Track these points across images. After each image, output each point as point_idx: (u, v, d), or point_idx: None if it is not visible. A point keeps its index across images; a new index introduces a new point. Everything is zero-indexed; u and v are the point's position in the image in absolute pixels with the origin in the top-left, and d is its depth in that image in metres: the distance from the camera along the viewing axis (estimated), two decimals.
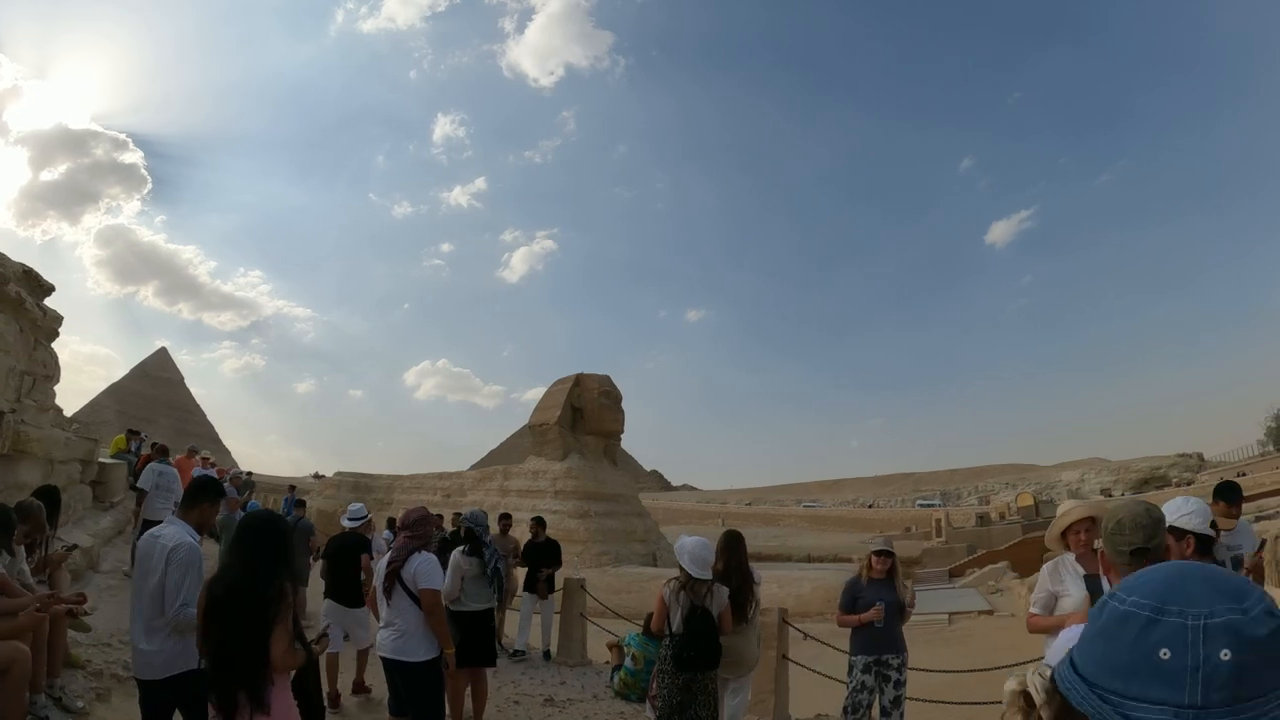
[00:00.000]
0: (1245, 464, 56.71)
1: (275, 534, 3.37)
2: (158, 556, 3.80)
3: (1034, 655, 12.30)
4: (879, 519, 60.55)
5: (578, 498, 23.33)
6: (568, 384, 25.74)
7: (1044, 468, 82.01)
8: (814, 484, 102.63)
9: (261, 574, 3.19)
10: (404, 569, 4.97)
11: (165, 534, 3.90)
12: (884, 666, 6.04)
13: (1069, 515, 4.37)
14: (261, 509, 3.90)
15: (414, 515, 5.18)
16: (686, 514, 65.92)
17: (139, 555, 4.06)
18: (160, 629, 3.74)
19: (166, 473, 11.23)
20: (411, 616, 4.95)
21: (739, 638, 5.71)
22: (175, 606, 3.70)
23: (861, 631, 6.09)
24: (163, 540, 3.86)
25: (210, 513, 4.20)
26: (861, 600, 6.09)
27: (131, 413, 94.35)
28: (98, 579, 9.56)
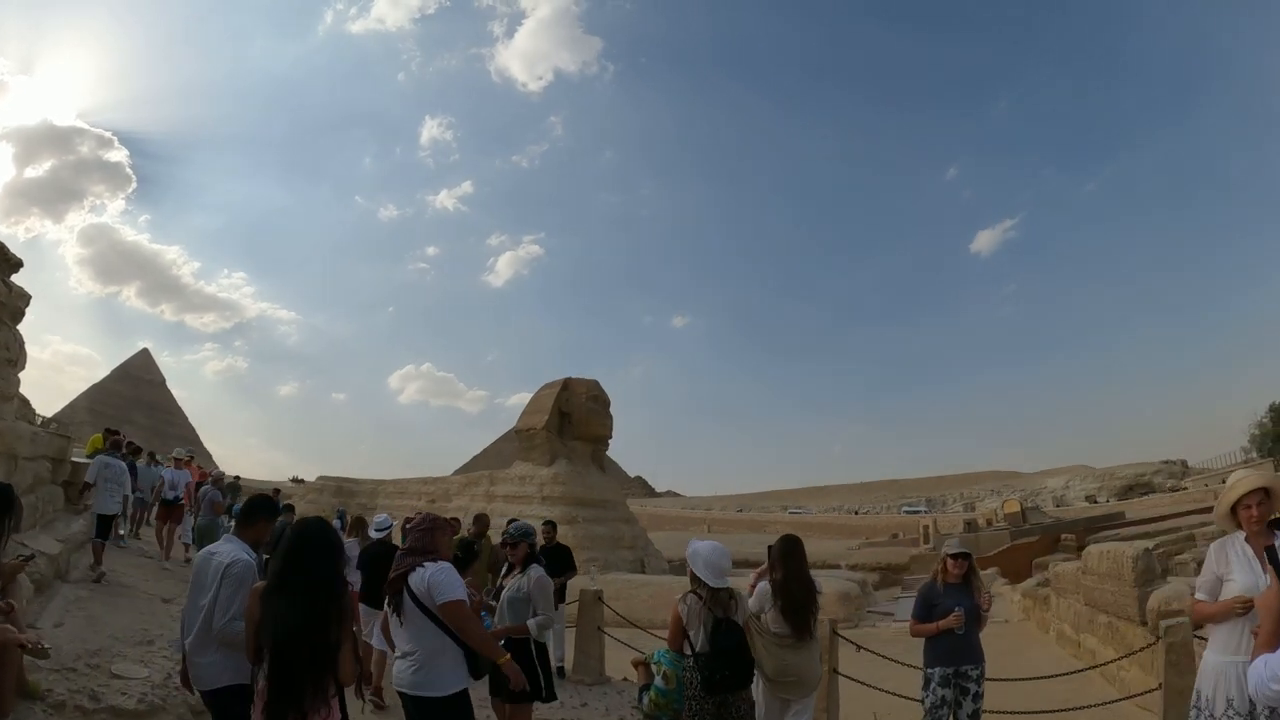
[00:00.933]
0: (1230, 470, 57.10)
1: (329, 543, 3.33)
2: (212, 573, 3.84)
3: (1029, 659, 11.91)
4: (865, 525, 60.49)
5: (565, 503, 22.99)
6: (556, 388, 25.42)
7: (1028, 475, 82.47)
8: (799, 490, 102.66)
9: (322, 585, 3.13)
10: (413, 579, 4.09)
11: (221, 551, 3.95)
12: (962, 678, 5.66)
13: (1238, 486, 3.76)
14: (313, 516, 3.76)
15: (419, 524, 4.32)
16: (671, 520, 65.61)
17: (194, 571, 4.08)
18: (212, 640, 3.78)
19: (113, 465, 10.82)
20: (431, 640, 4.06)
21: (802, 655, 5.21)
22: (224, 620, 3.69)
23: (938, 641, 5.70)
24: (218, 557, 3.90)
25: (266, 530, 4.26)
26: (939, 607, 5.70)
27: (112, 414, 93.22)
28: (66, 590, 8.75)
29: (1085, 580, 11.71)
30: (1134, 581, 10.12)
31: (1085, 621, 11.63)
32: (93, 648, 6.44)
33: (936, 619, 5.64)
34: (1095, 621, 11.20)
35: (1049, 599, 14.87)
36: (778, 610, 5.15)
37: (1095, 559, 11.40)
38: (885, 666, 8.48)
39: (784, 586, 5.18)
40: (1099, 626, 11.06)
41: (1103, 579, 10.99)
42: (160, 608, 9.18)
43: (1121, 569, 10.36)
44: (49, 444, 11.35)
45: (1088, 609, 11.61)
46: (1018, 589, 20.43)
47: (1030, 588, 18.14)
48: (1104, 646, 10.78)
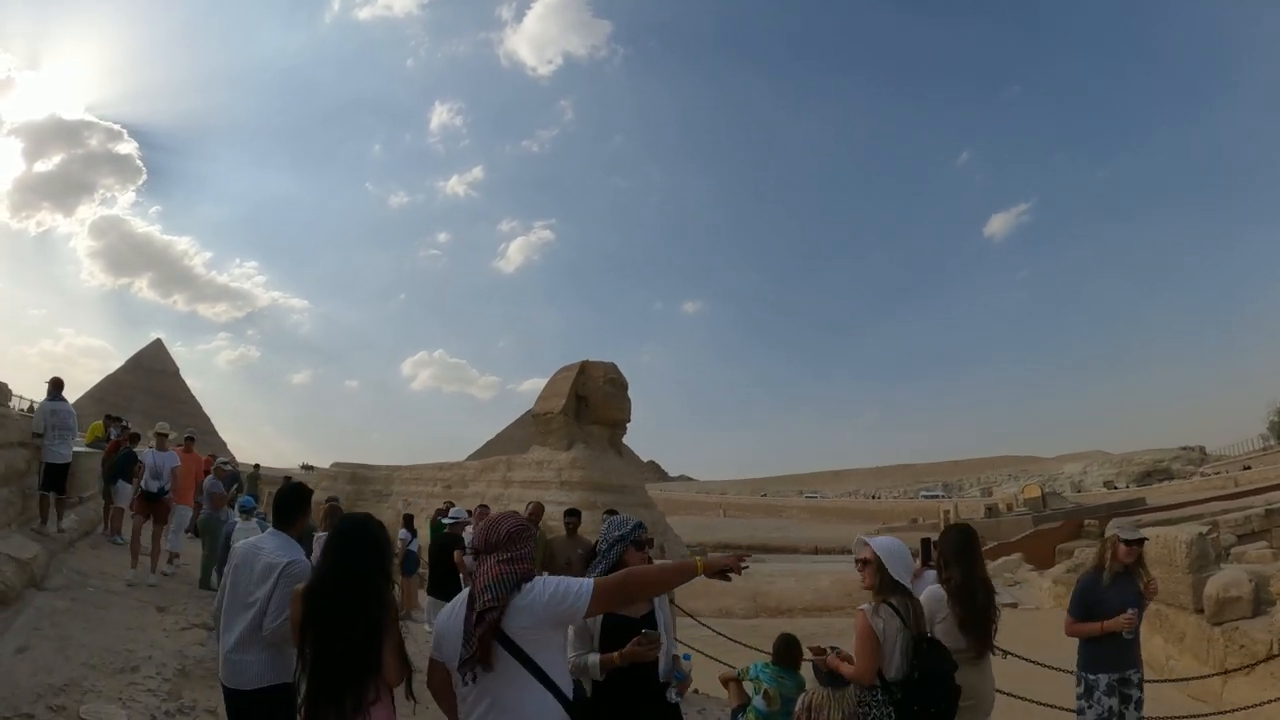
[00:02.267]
0: (1249, 457, 56.49)
1: (371, 539, 3.02)
2: (263, 570, 3.71)
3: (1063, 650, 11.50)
4: (882, 510, 60.00)
5: (584, 488, 22.64)
6: (573, 372, 25.03)
7: (1045, 460, 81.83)
8: (814, 475, 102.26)
9: (361, 582, 2.86)
10: (509, 622, 2.54)
11: (270, 547, 3.80)
12: (1126, 685, 4.80)
13: None
14: (358, 513, 3.37)
15: (506, 526, 2.76)
16: (686, 505, 65.36)
17: (237, 562, 3.85)
18: (257, 640, 3.67)
19: (60, 410, 9.84)
20: (535, 707, 2.54)
21: (981, 673, 4.24)
22: (277, 621, 3.59)
23: (1102, 643, 4.84)
24: (268, 554, 3.74)
25: (306, 523, 4.19)
26: (1104, 603, 4.82)
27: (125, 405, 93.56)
28: (42, 601, 7.38)
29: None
30: (1187, 568, 9.74)
31: None
32: (60, 681, 5.31)
33: (1101, 617, 4.81)
34: None
35: None
36: (954, 620, 4.15)
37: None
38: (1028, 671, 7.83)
39: (963, 591, 4.19)
40: (1147, 614, 10.65)
41: (1150, 565, 10.55)
42: (153, 619, 8.01)
43: (1173, 555, 9.97)
44: (22, 429, 9.84)
45: None
46: (1046, 575, 20.07)
47: (1061, 574, 17.75)
48: (1150, 634, 10.41)
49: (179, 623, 7.98)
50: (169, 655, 6.69)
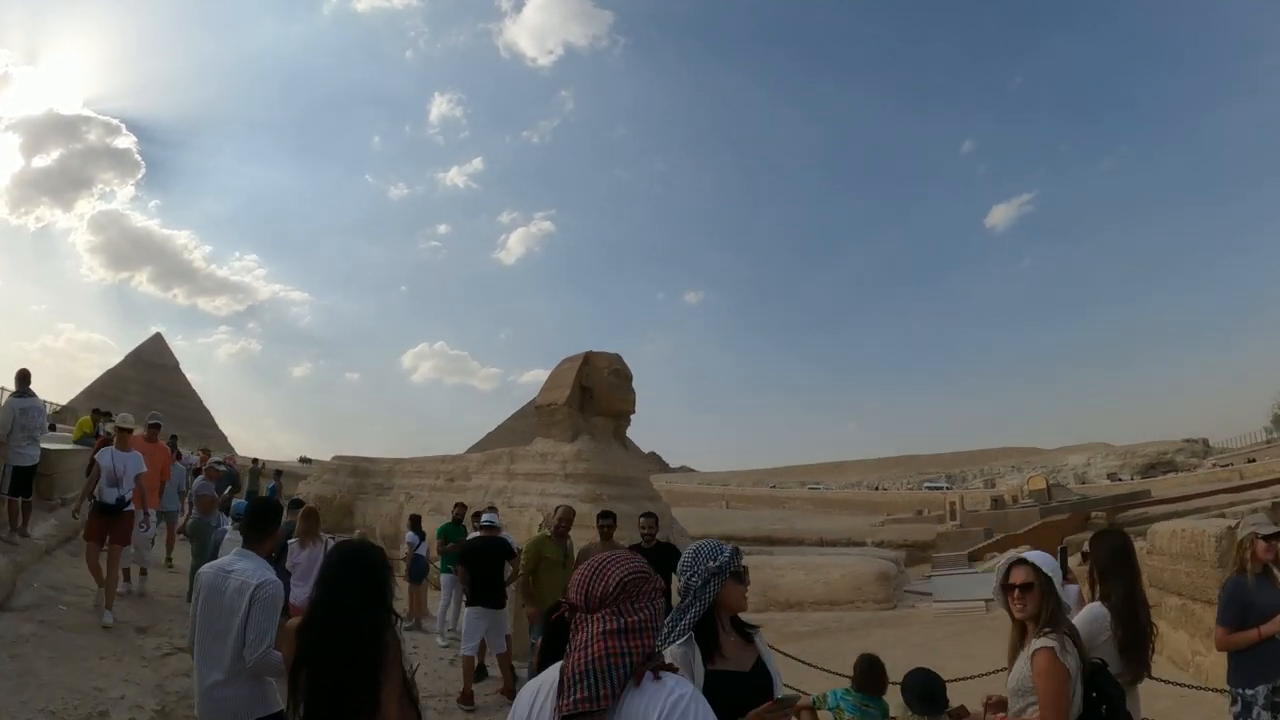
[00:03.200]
0: (1253, 450, 56.44)
1: (369, 569, 2.71)
2: (234, 594, 3.51)
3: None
4: (886, 501, 59.82)
5: (589, 481, 22.36)
6: (576, 362, 24.72)
7: (1048, 451, 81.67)
8: (816, 466, 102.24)
9: (358, 619, 2.57)
10: None
11: (240, 569, 3.60)
12: (1277, 693, 4.25)
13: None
14: (355, 540, 3.06)
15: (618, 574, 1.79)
16: (689, 496, 65.07)
17: (205, 591, 3.60)
18: (239, 673, 3.45)
19: (30, 408, 8.82)
20: None
21: (1134, 702, 3.55)
22: (260, 649, 3.42)
23: (1257, 651, 4.27)
24: (238, 575, 3.56)
25: (276, 539, 4.10)
26: (1254, 608, 4.28)
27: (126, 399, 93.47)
28: (4, 624, 6.51)
29: (1151, 561, 11.08)
30: (1216, 562, 9.46)
31: (1151, 604, 10.95)
32: None
33: (1252, 623, 4.27)
34: (1163, 604, 10.62)
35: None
36: (1114, 643, 3.51)
37: (1165, 538, 10.77)
38: None
39: (1127, 609, 3.57)
40: (1169, 610, 10.49)
41: (1175, 559, 10.40)
42: (131, 643, 7.17)
43: (1201, 549, 9.70)
44: None
45: (1154, 591, 10.96)
46: None
47: (1076, 567, 17.45)
48: (1173, 630, 10.20)
49: (161, 647, 7.38)
50: (146, 692, 6.04)
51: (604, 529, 7.97)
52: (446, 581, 11.54)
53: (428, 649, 10.41)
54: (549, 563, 7.73)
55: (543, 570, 7.71)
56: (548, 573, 7.69)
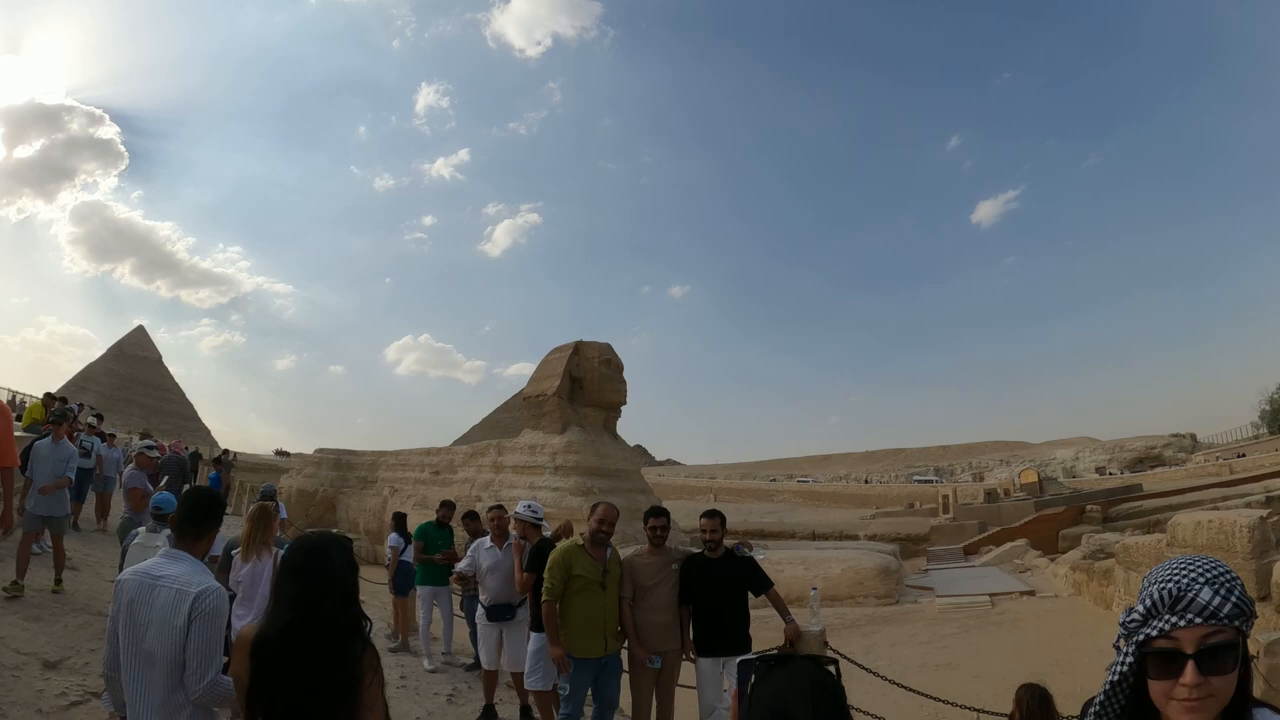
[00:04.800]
0: (1241, 445, 56.68)
1: (337, 571, 2.30)
2: (167, 608, 2.67)
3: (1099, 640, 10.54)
4: (875, 495, 59.51)
5: (579, 473, 21.78)
6: (566, 352, 24.14)
7: (1035, 445, 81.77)
8: (803, 459, 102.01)
9: (329, 634, 2.17)
10: None
11: (172, 574, 2.75)
12: None
13: None
14: (315, 532, 2.56)
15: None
16: (676, 489, 64.59)
17: (128, 605, 2.73)
18: (183, 705, 2.67)
19: None
20: None
21: None
22: (209, 677, 2.66)
23: None
24: (171, 583, 2.72)
25: (212, 539, 3.14)
26: None
27: (108, 393, 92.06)
28: None
29: (1170, 553, 10.61)
30: (1249, 553, 9.03)
31: None
32: None
33: None
34: None
35: (1111, 573, 13.80)
36: None
37: (1189, 530, 10.33)
38: None
39: None
40: None
41: (1199, 551, 9.89)
42: (30, 685, 5.61)
43: (1231, 540, 9.26)
44: None
45: None
46: (1060, 561, 19.41)
47: (1080, 560, 17.05)
48: None
49: (70, 692, 5.61)
50: None
51: (655, 533, 5.97)
52: (426, 595, 9.82)
53: (416, 675, 8.91)
54: (582, 583, 5.60)
55: (574, 593, 5.59)
56: (580, 597, 5.59)
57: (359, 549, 21.41)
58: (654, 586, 5.71)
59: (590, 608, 5.56)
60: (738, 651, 5.51)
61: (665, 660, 5.73)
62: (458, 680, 8.75)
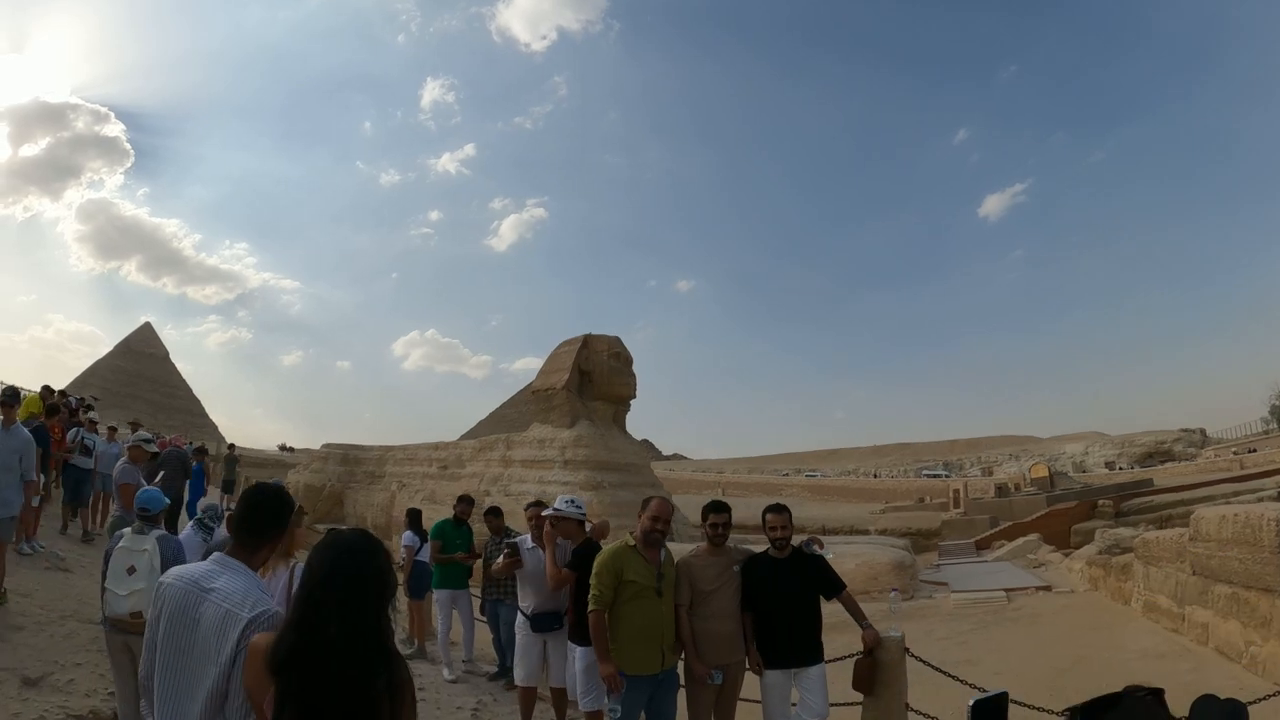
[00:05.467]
0: (1252, 440, 56.36)
1: (373, 576, 2.00)
2: (213, 629, 2.23)
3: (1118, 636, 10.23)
4: (884, 489, 59.33)
5: (589, 468, 21.67)
6: (575, 345, 24.02)
7: (1044, 440, 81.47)
8: (810, 454, 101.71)
9: (366, 649, 1.92)
10: None
11: (223, 588, 2.31)
12: None
13: None
14: (345, 532, 2.18)
15: None
16: (684, 484, 64.50)
17: (170, 613, 2.32)
18: None
19: None
20: None
21: None
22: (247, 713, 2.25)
23: None
24: (219, 598, 2.27)
25: (276, 547, 2.67)
26: None
27: (115, 389, 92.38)
28: None
29: (1195, 548, 10.45)
30: (1276, 547, 8.74)
31: (1195, 593, 10.48)
32: None
33: None
34: (1210, 593, 10.04)
35: (1129, 567, 13.59)
36: None
37: (1213, 524, 10.11)
38: None
39: None
40: (1217, 598, 9.90)
41: (1225, 545, 9.76)
42: (5, 705, 5.09)
43: (1259, 534, 9.03)
44: None
45: (1198, 579, 10.43)
46: (1075, 556, 19.21)
47: (1095, 555, 16.84)
48: (1222, 620, 9.65)
49: (51, 714, 5.07)
50: None
51: (716, 531, 5.28)
52: (444, 599, 9.21)
53: (436, 686, 8.21)
54: (635, 589, 4.90)
55: (626, 601, 4.90)
56: (634, 605, 4.90)
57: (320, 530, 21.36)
58: (714, 592, 5.08)
59: (645, 618, 4.88)
60: (809, 661, 5.07)
61: (727, 674, 5.08)
62: (481, 691, 8.08)
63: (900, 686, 5.11)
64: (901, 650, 5.01)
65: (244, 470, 31.39)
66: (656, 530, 5.02)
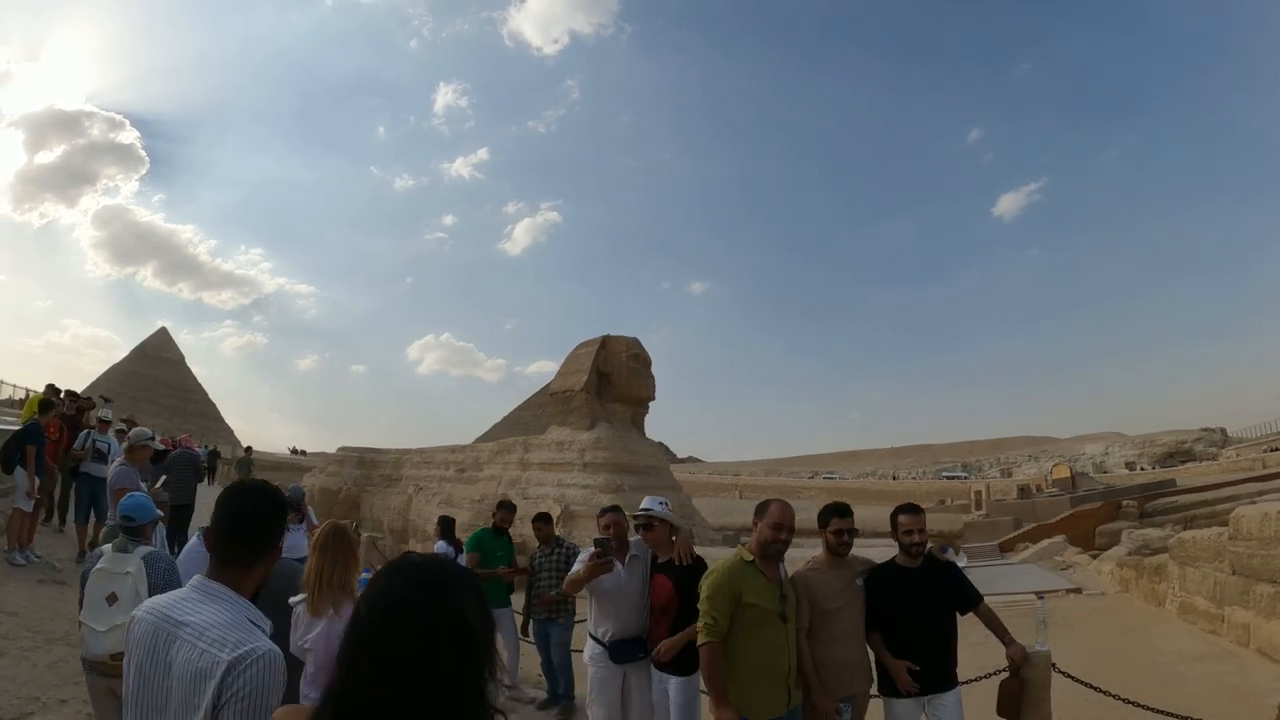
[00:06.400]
0: (1273, 439, 55.53)
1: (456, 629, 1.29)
2: (186, 674, 1.72)
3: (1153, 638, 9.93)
4: (903, 491, 58.78)
5: (609, 470, 21.50)
6: (593, 347, 23.87)
7: (1063, 440, 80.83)
8: (829, 455, 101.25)
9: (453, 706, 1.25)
10: None
11: (199, 621, 1.77)
12: None
13: None
14: (419, 557, 1.41)
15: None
16: (701, 486, 64.15)
17: (138, 660, 1.80)
18: None
19: None
20: None
21: None
22: None
23: None
24: (193, 634, 1.75)
25: (271, 564, 2.04)
26: None
27: (131, 394, 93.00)
28: None
29: (1235, 547, 10.22)
30: None
31: (1235, 593, 10.26)
32: None
33: None
34: (1252, 593, 9.83)
35: (1164, 568, 13.31)
36: None
37: (1254, 522, 9.89)
38: None
39: None
40: (1259, 597, 9.72)
41: (1266, 544, 9.59)
42: None
43: None
44: None
45: (1238, 578, 10.22)
46: (1105, 558, 18.88)
47: (1126, 556, 16.55)
48: (1265, 620, 9.44)
49: None
50: None
51: (840, 539, 4.48)
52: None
53: None
54: (757, 614, 4.04)
55: (745, 626, 4.01)
56: (754, 634, 4.03)
57: (384, 549, 20.03)
58: (838, 611, 4.33)
59: (769, 649, 4.02)
60: (944, 686, 4.40)
61: (854, 707, 4.37)
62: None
63: (1048, 708, 4.51)
64: (1049, 667, 4.50)
65: (259, 474, 31.47)
66: (779, 541, 4.14)
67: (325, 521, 4.10)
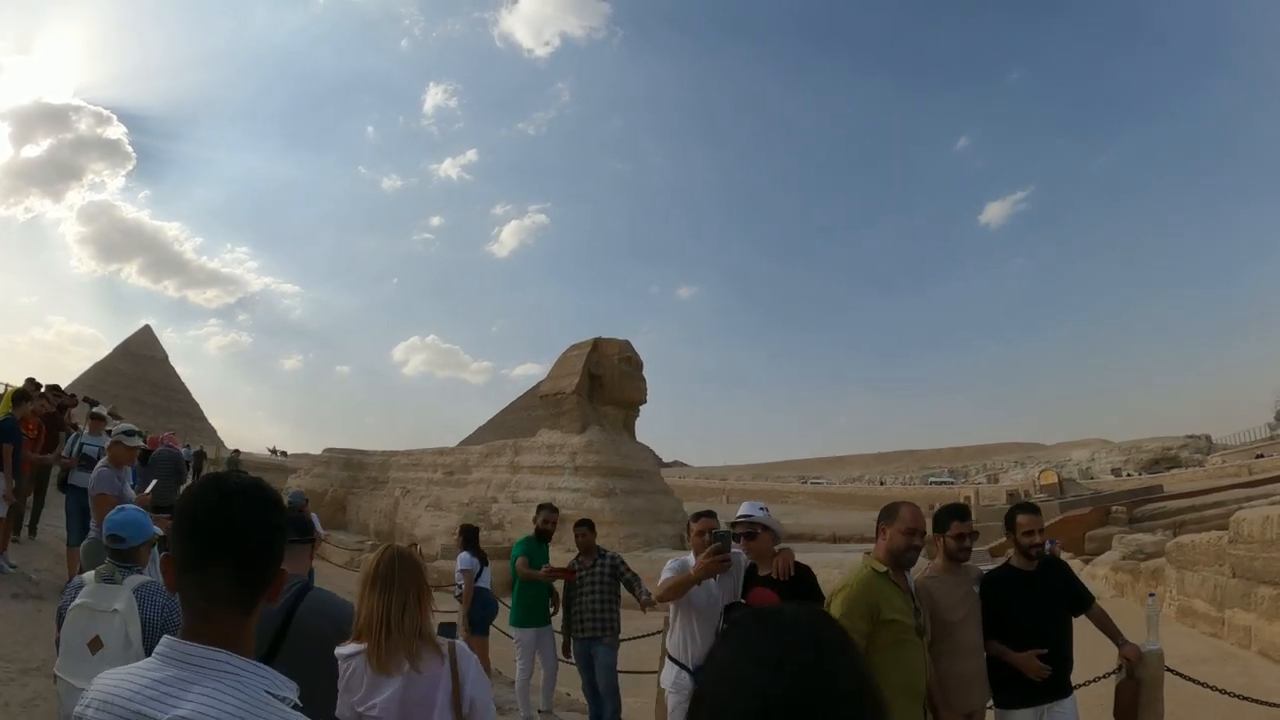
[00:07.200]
0: (1259, 446, 56.09)
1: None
2: None
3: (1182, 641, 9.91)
4: (890, 496, 58.65)
5: (600, 474, 21.33)
6: (585, 349, 23.72)
7: (1049, 447, 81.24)
8: (815, 460, 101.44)
9: None
10: None
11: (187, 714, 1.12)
12: None
13: None
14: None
15: None
16: (688, 490, 63.94)
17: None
18: None
19: None
20: None
21: None
22: None
23: None
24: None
25: (280, 591, 1.37)
26: None
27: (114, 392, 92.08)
28: None
29: (1236, 550, 10.24)
30: None
31: (1236, 595, 10.31)
32: None
33: None
34: (1253, 595, 9.85)
35: (1161, 572, 13.33)
36: None
37: (1256, 525, 9.91)
38: None
39: None
40: (1260, 600, 9.78)
41: (1267, 547, 9.63)
42: None
43: None
44: None
45: (1239, 581, 10.27)
46: (1098, 562, 18.92)
47: (1120, 561, 16.59)
48: (1268, 622, 9.45)
49: None
50: None
51: (960, 544, 4.21)
52: (528, 640, 7.75)
53: None
54: (896, 631, 3.67)
55: (884, 645, 3.62)
56: (893, 653, 3.63)
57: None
58: (960, 621, 4.06)
59: (908, 668, 3.64)
60: (1062, 694, 4.19)
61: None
62: None
63: (1161, 706, 4.34)
64: (1162, 665, 4.33)
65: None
66: (913, 548, 3.78)
67: (381, 547, 3.10)
